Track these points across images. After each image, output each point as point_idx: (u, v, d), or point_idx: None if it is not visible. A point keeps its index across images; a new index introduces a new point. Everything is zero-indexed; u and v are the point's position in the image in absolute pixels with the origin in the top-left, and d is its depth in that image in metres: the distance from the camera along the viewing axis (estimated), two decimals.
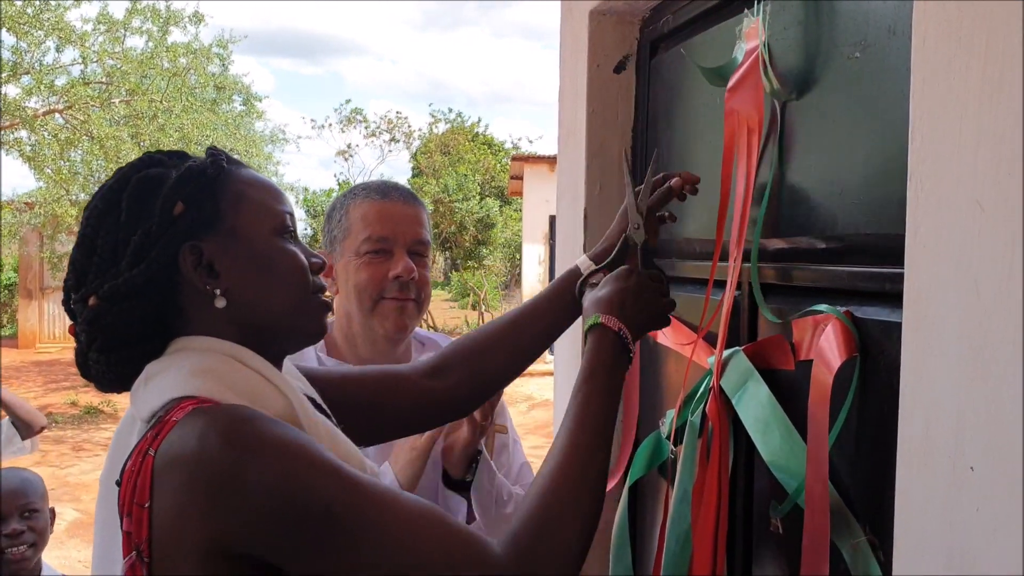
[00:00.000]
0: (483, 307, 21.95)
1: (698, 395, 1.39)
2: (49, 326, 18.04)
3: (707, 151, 1.51)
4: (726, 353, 1.33)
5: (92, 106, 11.02)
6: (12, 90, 11.21)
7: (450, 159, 25.14)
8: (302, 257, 1.15)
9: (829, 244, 1.18)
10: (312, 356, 1.73)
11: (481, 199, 21.91)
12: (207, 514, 0.95)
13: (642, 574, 1.70)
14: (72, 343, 1.16)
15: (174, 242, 1.07)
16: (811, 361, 1.13)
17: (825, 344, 1.10)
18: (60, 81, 11.23)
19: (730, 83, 1.33)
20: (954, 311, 0.80)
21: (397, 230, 1.67)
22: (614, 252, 1.40)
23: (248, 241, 1.11)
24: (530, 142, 30.18)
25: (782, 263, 1.29)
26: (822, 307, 1.13)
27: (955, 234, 0.80)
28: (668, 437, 1.54)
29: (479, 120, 31.81)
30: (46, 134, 11.00)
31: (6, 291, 20.79)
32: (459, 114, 31.18)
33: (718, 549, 1.31)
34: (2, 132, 11.26)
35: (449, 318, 21.91)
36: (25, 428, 3.36)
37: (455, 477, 1.68)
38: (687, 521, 1.35)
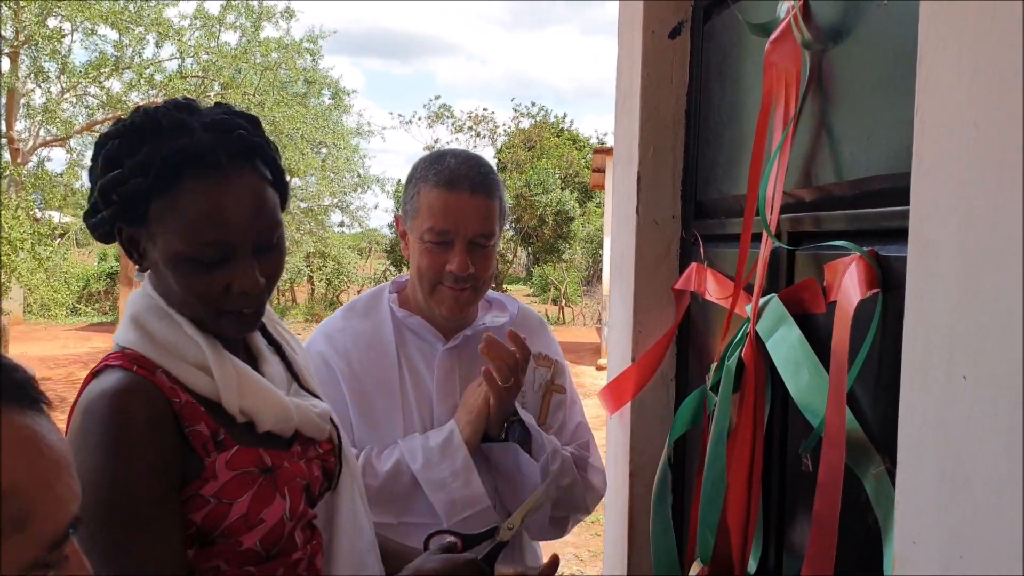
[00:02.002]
0: (563, 301, 22.00)
1: (735, 341, 1.43)
2: None
3: (758, 111, 1.55)
4: (762, 300, 1.38)
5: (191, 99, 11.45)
6: (116, 85, 11.73)
7: (533, 154, 25.24)
8: (210, 285, 1.20)
9: (858, 189, 1.22)
10: (386, 308, 1.83)
11: (562, 192, 21.95)
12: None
13: (684, 524, 1.75)
14: None
15: (109, 219, 1.20)
16: None
17: (848, 281, 1.14)
18: (159, 76, 11.68)
19: (771, 37, 1.37)
20: (951, 230, 0.83)
21: (459, 224, 1.69)
22: (484, 536, 1.50)
23: (162, 253, 1.20)
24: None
25: (816, 211, 1.32)
26: (844, 244, 1.16)
27: (953, 157, 0.83)
28: (712, 388, 1.59)
29: (564, 115, 31.78)
30: None
31: (108, 279, 21.73)
32: (543, 108, 31.21)
33: (752, 489, 1.36)
34: (104, 125, 11.77)
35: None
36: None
37: (491, 435, 1.74)
38: (722, 462, 1.39)
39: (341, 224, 17.29)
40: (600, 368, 14.05)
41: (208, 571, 1.20)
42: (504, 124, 29.13)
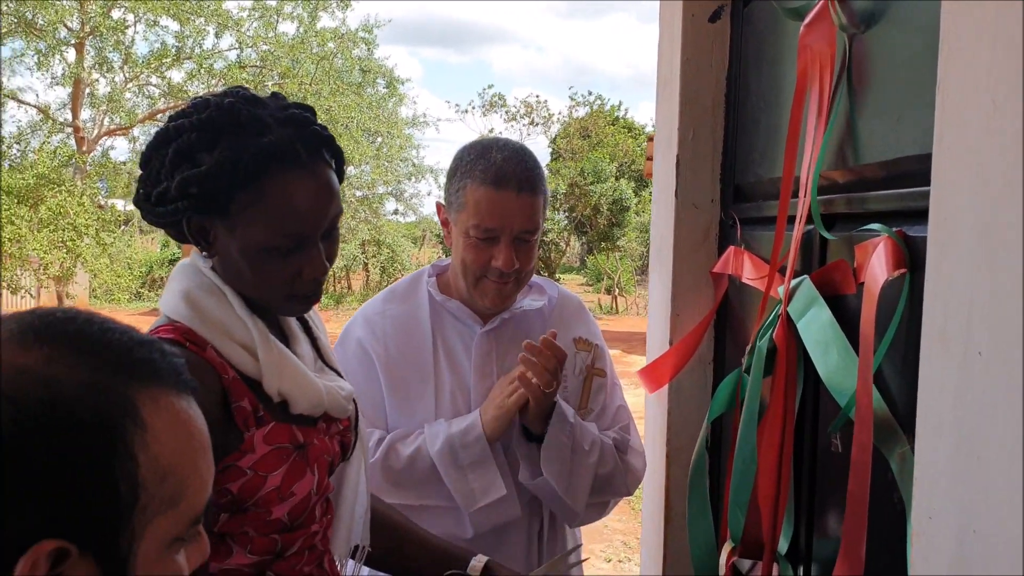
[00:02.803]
0: (617, 291, 21.92)
1: (767, 323, 1.44)
2: None
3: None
4: (795, 281, 1.38)
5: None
6: (176, 75, 11.98)
7: (589, 143, 25.15)
8: (284, 272, 1.27)
9: (889, 170, 1.22)
10: (424, 291, 1.86)
11: (616, 180, 21.85)
12: None
13: (720, 506, 1.76)
14: None
15: (184, 210, 1.23)
16: None
17: (875, 260, 1.14)
18: (218, 65, 11.90)
19: (805, 19, 1.37)
20: (968, 206, 0.84)
21: (505, 222, 1.70)
22: None
23: (239, 244, 1.25)
24: None
25: (848, 193, 1.33)
26: (874, 226, 1.17)
27: (971, 133, 0.84)
28: (747, 371, 1.59)
29: (619, 103, 31.58)
30: None
31: (170, 265, 22.21)
32: (599, 97, 31.05)
33: (782, 469, 1.37)
34: (166, 114, 12.03)
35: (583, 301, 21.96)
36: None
37: (535, 432, 1.76)
38: (753, 443, 1.41)
39: (395, 212, 17.47)
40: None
41: (238, 535, 1.27)
42: (559, 112, 29.03)
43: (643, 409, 1.89)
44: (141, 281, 15.00)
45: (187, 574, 0.78)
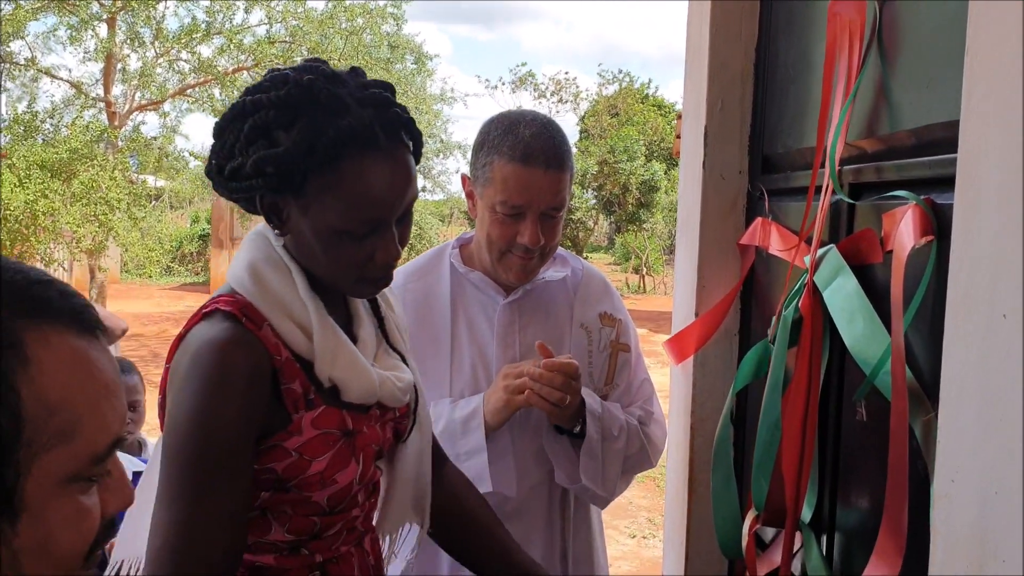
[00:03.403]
0: (645, 270, 21.85)
1: (793, 292, 1.44)
2: None
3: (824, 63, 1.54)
4: (821, 251, 1.38)
5: (276, 64, 11.71)
6: (205, 50, 12.03)
7: (618, 121, 25.00)
8: (357, 255, 1.24)
9: (918, 138, 1.21)
10: (446, 264, 1.88)
11: (647, 161, 21.71)
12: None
13: (744, 476, 1.77)
14: None
15: (258, 188, 1.22)
16: None
17: (903, 228, 1.14)
18: (248, 40, 11.93)
19: None
20: (995, 170, 0.84)
21: (532, 199, 1.70)
22: None
23: (312, 226, 1.22)
24: None
25: (877, 162, 1.32)
26: (901, 193, 1.16)
27: (1000, 97, 0.83)
28: (773, 341, 1.59)
29: (649, 82, 31.31)
30: (235, 91, 11.75)
31: (200, 240, 22.42)
32: (628, 74, 30.81)
33: (807, 438, 1.37)
34: (196, 89, 12.11)
35: (610, 280, 22.03)
36: (107, 334, 3.59)
37: (566, 428, 1.78)
38: (777, 411, 1.41)
39: (423, 189, 17.43)
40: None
41: (277, 513, 1.28)
42: (587, 90, 28.84)
43: (668, 389, 1.89)
44: (171, 256, 15.14)
45: (101, 515, 0.78)
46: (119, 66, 11.41)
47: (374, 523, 1.47)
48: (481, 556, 1.52)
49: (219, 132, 1.25)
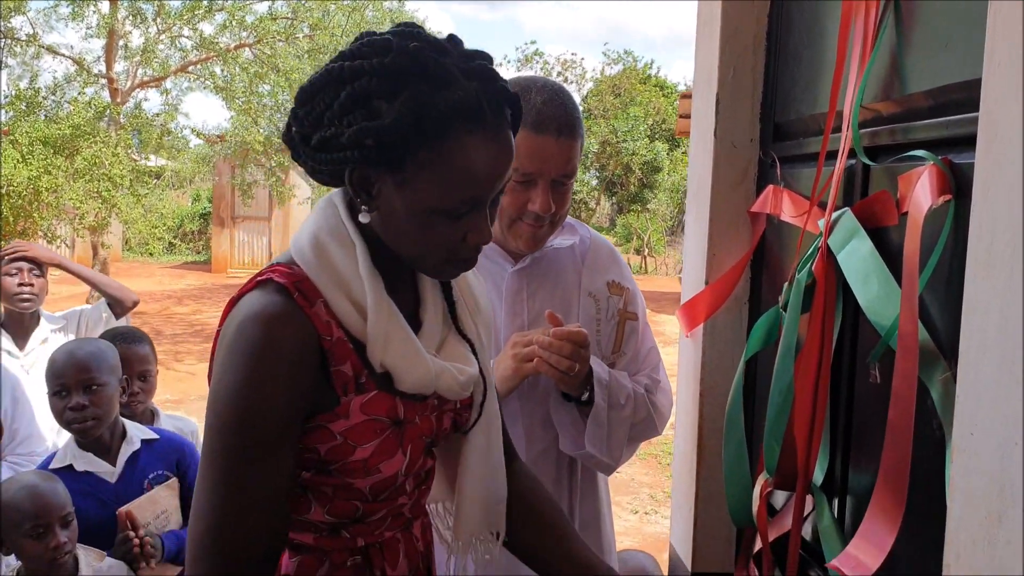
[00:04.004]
0: (647, 251, 21.84)
1: (807, 256, 1.44)
2: (239, 252, 19.33)
3: (838, 27, 1.53)
4: (835, 214, 1.38)
5: (278, 40, 11.66)
6: (207, 27, 11.98)
7: (621, 100, 24.90)
8: (450, 235, 1.17)
9: (934, 99, 1.21)
10: None
11: (650, 141, 21.66)
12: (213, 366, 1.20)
13: (753, 443, 1.77)
14: (258, 269, 1.41)
15: (351, 160, 1.13)
16: None
17: (920, 187, 1.14)
18: (250, 18, 11.88)
19: None
20: (1017, 119, 0.83)
21: (544, 167, 1.69)
22: None
23: (408, 202, 1.15)
24: None
25: (893, 124, 1.32)
26: (919, 153, 1.16)
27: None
28: (784, 307, 1.60)
29: (652, 62, 31.12)
30: (237, 68, 11.71)
31: (201, 219, 22.40)
32: (632, 54, 30.62)
33: (818, 400, 1.38)
34: (198, 66, 12.07)
35: None
36: (118, 305, 3.41)
37: (573, 395, 1.78)
38: (790, 374, 1.41)
39: None
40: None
41: (319, 494, 1.24)
42: (592, 70, 28.70)
43: (671, 366, 1.89)
44: (173, 234, 15.13)
45: None
46: (121, 43, 11.36)
47: (446, 533, 1.42)
48: (552, 561, 1.43)
49: (307, 98, 1.17)
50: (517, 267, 1.82)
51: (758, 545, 1.66)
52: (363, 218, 1.19)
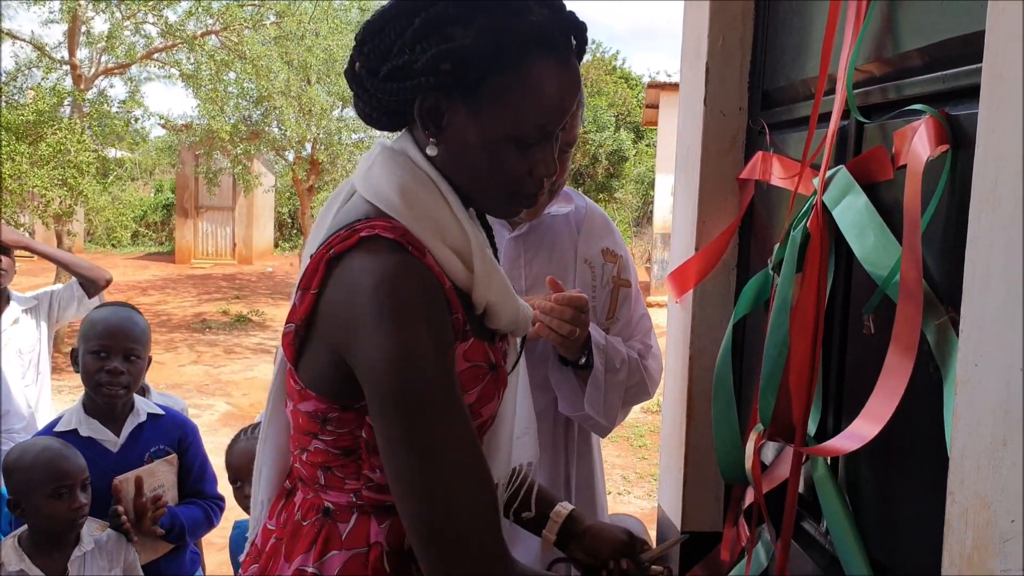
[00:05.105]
0: None
1: (802, 213, 1.48)
2: (203, 243, 19.14)
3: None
4: (829, 172, 1.42)
5: (245, 27, 11.54)
6: (172, 15, 11.81)
7: (588, 91, 24.96)
8: (519, 166, 1.17)
9: (931, 55, 1.24)
10: None
11: (616, 131, 21.75)
12: (343, 334, 1.13)
13: (742, 401, 1.81)
14: (222, 260, 1.34)
15: (424, 87, 1.13)
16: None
17: (918, 139, 1.17)
18: (216, 5, 11.75)
19: None
20: (1021, 60, 0.87)
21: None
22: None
23: (481, 130, 1.15)
24: (668, 76, 29.59)
25: (885, 83, 1.36)
26: (917, 106, 1.20)
27: None
28: (774, 268, 1.63)
29: (617, 53, 31.21)
30: (203, 55, 11.58)
31: (164, 210, 22.13)
32: (598, 45, 30.67)
33: (815, 351, 1.42)
34: (164, 54, 11.91)
35: None
36: (91, 285, 3.39)
37: (570, 359, 1.81)
38: (785, 328, 1.45)
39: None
40: (649, 306, 14.08)
41: None
42: None
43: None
44: (137, 224, 14.94)
45: None
46: (83, 28, 11.18)
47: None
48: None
49: (376, 31, 1.16)
50: (515, 234, 1.85)
51: (747, 501, 1.70)
52: (430, 151, 1.18)
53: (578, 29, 1.17)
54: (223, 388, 9.11)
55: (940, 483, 1.01)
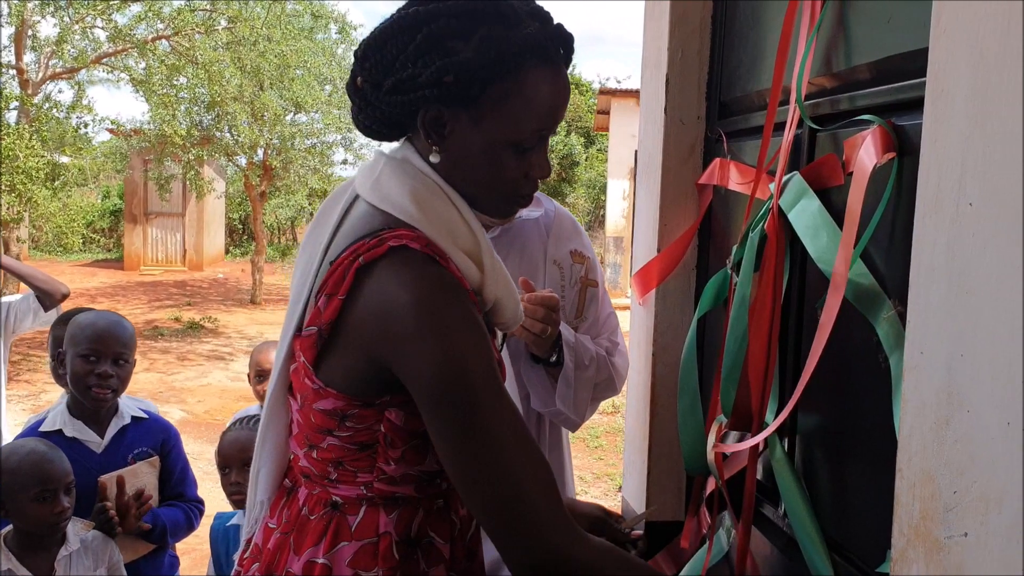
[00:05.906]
0: None
1: (759, 216, 1.57)
2: (153, 249, 18.89)
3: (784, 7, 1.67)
4: (785, 177, 1.51)
5: (196, 32, 11.47)
6: (121, 19, 11.69)
7: None
8: (517, 169, 1.26)
9: (879, 69, 1.34)
10: None
11: (567, 135, 21.94)
12: (381, 344, 1.18)
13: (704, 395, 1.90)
14: (172, 267, 1.40)
15: (428, 99, 1.21)
16: None
17: (864, 148, 1.27)
18: (167, 9, 11.65)
19: None
20: (963, 76, 0.97)
21: None
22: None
23: (483, 137, 1.23)
24: (618, 82, 29.84)
25: (836, 95, 1.46)
26: (865, 117, 1.30)
27: (968, 8, 0.96)
28: (732, 269, 1.73)
29: None
30: (154, 60, 11.48)
31: (111, 216, 21.78)
32: None
33: (772, 345, 1.51)
34: (113, 58, 11.77)
35: None
36: (47, 298, 3.40)
37: (541, 357, 1.89)
38: (744, 323, 1.54)
39: (344, 162, 17.28)
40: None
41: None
42: None
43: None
44: (84, 231, 14.71)
45: None
46: (30, 32, 11.02)
47: None
48: None
49: (378, 47, 1.23)
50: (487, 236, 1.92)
51: (709, 489, 1.79)
52: (434, 158, 1.26)
53: (567, 40, 1.27)
54: (178, 395, 9.04)
55: (889, 464, 1.10)
